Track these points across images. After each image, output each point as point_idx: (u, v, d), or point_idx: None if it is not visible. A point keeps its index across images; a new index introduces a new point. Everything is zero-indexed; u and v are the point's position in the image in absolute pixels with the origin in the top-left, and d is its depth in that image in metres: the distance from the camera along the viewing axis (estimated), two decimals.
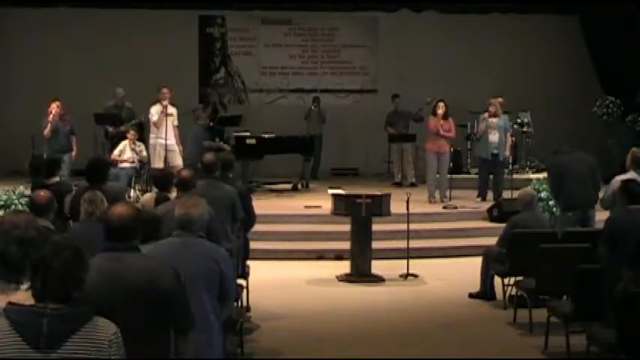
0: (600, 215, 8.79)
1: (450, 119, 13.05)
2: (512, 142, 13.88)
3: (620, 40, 15.87)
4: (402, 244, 10.12)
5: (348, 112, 17.26)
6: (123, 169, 12.70)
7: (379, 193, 10.21)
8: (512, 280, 8.32)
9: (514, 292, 8.23)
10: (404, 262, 9.83)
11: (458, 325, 7.99)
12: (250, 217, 7.72)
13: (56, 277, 2.93)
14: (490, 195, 13.05)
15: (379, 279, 9.69)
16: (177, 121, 12.92)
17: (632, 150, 8.41)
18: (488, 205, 12.43)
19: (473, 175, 14.21)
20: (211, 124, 14.14)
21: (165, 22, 16.56)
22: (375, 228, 9.86)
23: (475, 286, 8.87)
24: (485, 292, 8.79)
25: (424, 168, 13.49)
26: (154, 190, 8.35)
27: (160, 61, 16.10)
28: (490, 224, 11.76)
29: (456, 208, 12.60)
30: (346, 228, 9.95)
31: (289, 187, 14.65)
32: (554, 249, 7.59)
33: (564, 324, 6.71)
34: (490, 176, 13.18)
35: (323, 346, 7.26)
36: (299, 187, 14.66)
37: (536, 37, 17.13)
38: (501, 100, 14.25)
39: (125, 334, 3.10)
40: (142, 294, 3.66)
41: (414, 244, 10.26)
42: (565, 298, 7.15)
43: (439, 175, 13.11)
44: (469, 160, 15.56)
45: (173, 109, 12.84)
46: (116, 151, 12.97)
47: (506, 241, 8.30)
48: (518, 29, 17.14)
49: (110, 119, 13.65)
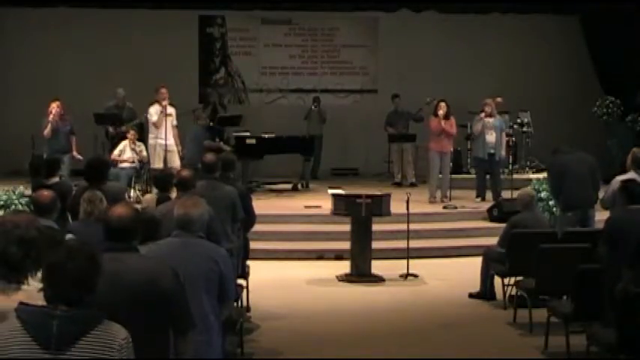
0: (600, 215, 8.79)
1: (452, 118, 13.06)
2: (508, 142, 13.88)
3: (620, 40, 15.87)
4: (402, 244, 10.12)
5: (348, 112, 17.26)
6: (123, 169, 12.71)
7: (379, 193, 10.21)
8: (512, 280, 8.32)
9: (514, 292, 8.24)
10: (404, 262, 9.84)
11: (458, 325, 7.99)
12: (250, 217, 7.72)
13: (69, 282, 2.92)
14: (489, 195, 13.06)
15: (379, 279, 9.69)
16: (176, 121, 12.92)
17: (633, 150, 8.42)
18: (488, 205, 12.44)
19: (473, 175, 14.20)
20: (211, 124, 14.14)
21: (165, 22, 16.56)
22: (375, 228, 9.87)
23: (475, 286, 8.87)
24: (485, 292, 8.79)
25: (424, 168, 13.50)
26: (154, 191, 8.36)
27: (160, 61, 16.10)
28: (490, 224, 11.77)
29: (456, 208, 12.60)
30: (346, 228, 9.96)
31: (289, 187, 14.65)
32: (554, 249, 7.59)
33: (564, 324, 6.71)
34: (487, 176, 13.20)
35: (323, 346, 7.26)
36: (299, 187, 14.66)
37: (536, 37, 17.13)
38: (500, 100, 14.27)
39: None
40: (142, 294, 3.66)
41: (414, 244, 10.26)
42: (565, 298, 7.16)
43: (441, 175, 13.12)
44: (469, 160, 15.56)
45: (172, 109, 12.84)
46: (116, 151, 12.97)
47: (506, 241, 8.30)
48: (518, 29, 17.14)
49: (111, 119, 13.66)
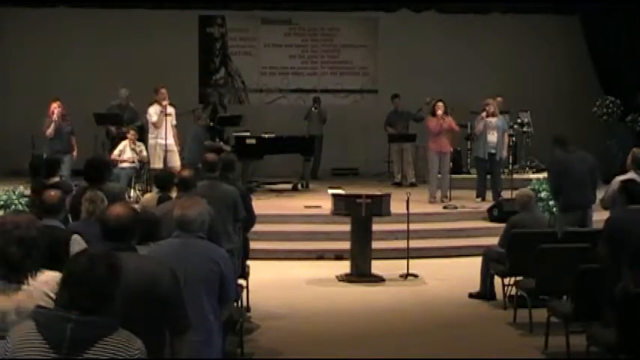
0: (600, 215, 8.79)
1: (450, 117, 13.05)
2: (509, 142, 13.88)
3: (620, 40, 15.88)
4: (402, 244, 10.13)
5: (348, 112, 17.26)
6: (123, 169, 12.71)
7: (379, 193, 10.21)
8: (512, 280, 8.32)
9: (514, 292, 8.23)
10: (404, 262, 9.84)
11: (458, 325, 7.99)
12: (250, 217, 7.72)
13: (88, 292, 2.91)
14: (490, 195, 13.06)
15: (379, 279, 9.69)
16: (175, 121, 12.92)
17: (633, 150, 8.39)
18: (488, 205, 12.44)
19: (473, 175, 14.21)
20: (211, 124, 14.14)
21: (166, 22, 16.57)
22: (375, 228, 9.86)
23: (475, 286, 8.87)
24: (485, 292, 8.79)
25: (424, 168, 13.49)
26: (154, 191, 8.36)
27: (160, 61, 16.09)
28: (490, 224, 11.77)
29: (456, 208, 12.60)
30: (346, 228, 9.96)
31: (289, 187, 14.66)
32: (554, 249, 7.59)
33: (564, 324, 6.71)
34: (488, 176, 13.19)
35: (323, 346, 7.26)
36: (299, 187, 14.66)
37: (536, 37, 17.12)
38: (500, 100, 14.26)
39: None
40: (140, 294, 3.65)
41: (414, 244, 10.26)
42: (565, 298, 7.15)
43: (441, 175, 13.12)
44: (469, 160, 15.56)
45: (171, 109, 12.83)
46: (116, 151, 12.97)
47: (506, 242, 8.30)
48: (518, 29, 17.14)
49: (111, 119, 13.66)
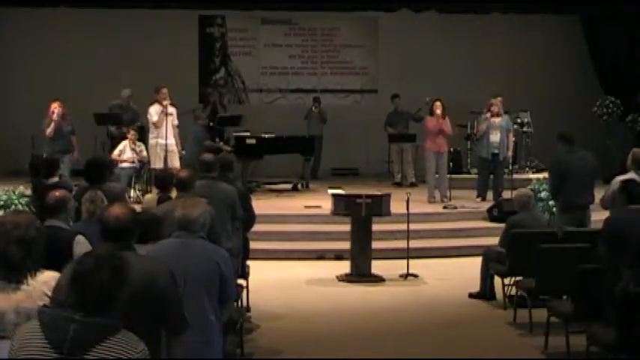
0: (599, 215, 8.78)
1: (447, 118, 13.05)
2: (513, 142, 13.87)
3: (620, 40, 15.88)
4: (402, 244, 10.12)
5: (348, 112, 17.26)
6: (123, 169, 12.71)
7: (379, 193, 10.21)
8: (512, 280, 8.32)
9: (514, 292, 8.23)
10: (404, 262, 9.84)
11: (458, 325, 7.99)
12: (250, 217, 7.72)
13: (93, 293, 2.92)
14: (490, 195, 13.06)
15: (379, 279, 9.69)
16: (176, 121, 12.92)
17: (634, 150, 8.37)
18: (488, 205, 12.44)
19: (473, 175, 14.21)
20: (211, 124, 14.14)
21: (166, 22, 16.57)
22: (375, 228, 9.86)
23: (475, 286, 8.87)
24: (485, 292, 8.79)
25: (424, 168, 13.49)
26: (154, 191, 8.37)
27: (160, 61, 16.10)
28: (490, 224, 11.76)
29: (456, 208, 12.60)
30: (346, 228, 9.96)
31: (289, 187, 14.66)
32: (554, 249, 7.58)
33: (564, 324, 6.71)
34: (490, 176, 13.18)
35: (323, 346, 7.26)
36: (299, 187, 14.66)
37: (536, 37, 17.13)
38: (501, 100, 14.24)
39: None
40: (139, 293, 3.63)
41: (414, 244, 10.26)
42: (565, 298, 7.16)
43: (438, 175, 13.11)
44: (469, 160, 15.56)
45: (172, 108, 12.83)
46: (116, 151, 12.98)
47: (506, 242, 8.30)
48: (518, 29, 17.15)
49: (111, 120, 13.66)
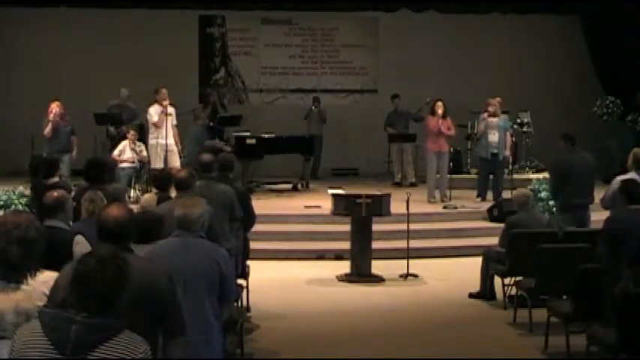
0: (599, 215, 8.78)
1: (449, 118, 13.06)
2: (512, 142, 13.87)
3: (620, 40, 15.88)
4: (402, 244, 10.12)
5: (348, 112, 17.27)
6: (123, 169, 12.70)
7: (379, 193, 10.21)
8: (512, 280, 8.32)
9: (514, 292, 8.23)
10: (404, 262, 9.84)
11: (458, 325, 7.99)
12: (250, 217, 7.73)
13: (95, 293, 2.92)
14: (490, 195, 13.06)
15: (379, 279, 9.69)
16: (175, 121, 12.92)
17: (634, 150, 8.33)
18: (488, 205, 12.44)
19: (473, 175, 14.21)
20: (211, 124, 14.14)
21: (166, 22, 16.57)
22: (375, 228, 9.86)
23: (475, 286, 8.87)
24: (485, 292, 8.79)
25: (424, 168, 13.49)
26: (153, 191, 8.36)
27: (160, 61, 16.10)
28: (490, 224, 11.76)
29: (456, 208, 12.60)
30: (346, 228, 9.96)
31: (289, 187, 14.66)
32: (554, 249, 7.58)
33: (564, 324, 6.71)
34: (490, 176, 13.19)
35: (323, 346, 7.26)
36: (299, 187, 14.66)
37: (536, 37, 17.13)
38: (500, 100, 14.26)
39: None
40: (137, 295, 3.62)
41: (414, 244, 10.26)
42: (565, 298, 7.15)
43: (439, 175, 13.12)
44: (469, 160, 15.56)
45: (172, 108, 12.83)
46: (116, 151, 12.97)
47: (506, 242, 8.30)
48: (518, 29, 17.14)
49: (111, 119, 13.66)
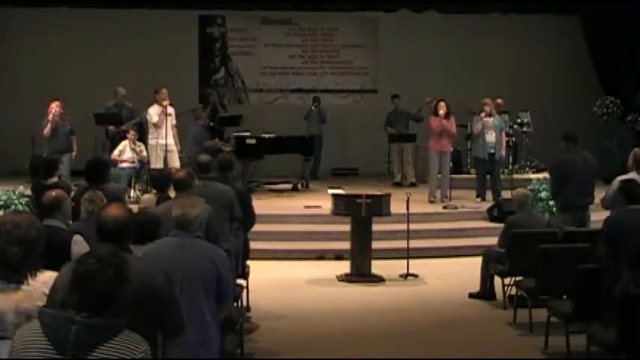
0: (599, 215, 8.78)
1: (452, 118, 13.08)
2: (508, 142, 13.87)
3: (620, 40, 15.88)
4: (402, 244, 10.13)
5: (348, 112, 17.27)
6: (123, 169, 12.71)
7: (379, 193, 10.21)
8: (512, 280, 8.32)
9: (514, 292, 8.23)
10: (404, 262, 9.84)
11: (458, 325, 8.00)
12: (250, 218, 7.72)
13: (95, 292, 2.91)
14: (490, 195, 13.06)
15: (379, 279, 9.69)
16: (175, 121, 12.92)
17: (635, 150, 8.30)
18: (488, 205, 12.44)
19: (473, 175, 14.20)
20: (211, 124, 14.14)
21: (166, 22, 16.57)
22: (375, 228, 9.86)
23: (475, 286, 8.88)
24: (485, 292, 8.79)
25: (424, 168, 13.49)
26: (152, 191, 8.37)
27: (160, 61, 16.10)
28: (490, 224, 11.76)
29: (456, 208, 12.60)
30: (346, 228, 9.96)
31: (289, 187, 14.66)
32: (554, 249, 7.59)
33: (564, 324, 6.71)
34: (488, 176, 13.20)
35: (323, 346, 7.26)
36: (299, 187, 14.66)
37: (536, 37, 17.13)
38: (500, 102, 14.27)
39: None
40: (136, 295, 3.61)
41: (414, 244, 10.26)
42: (565, 298, 7.15)
43: (441, 175, 13.12)
44: (469, 160, 15.56)
45: (171, 109, 12.84)
46: (116, 151, 12.98)
47: (506, 242, 8.31)
48: (518, 29, 17.14)
49: (110, 119, 13.66)
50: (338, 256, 10.55)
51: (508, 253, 8.20)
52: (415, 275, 9.83)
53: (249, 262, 8.19)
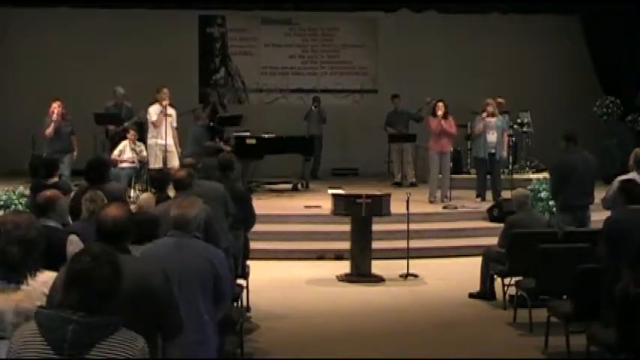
0: (599, 215, 8.78)
1: (450, 118, 13.07)
2: (509, 142, 13.87)
3: (620, 40, 15.88)
4: (402, 244, 10.12)
5: (348, 112, 17.27)
6: (123, 169, 12.70)
7: (379, 193, 10.21)
8: (512, 280, 8.32)
9: (514, 292, 8.23)
10: (404, 262, 9.84)
11: (458, 325, 7.99)
12: (250, 218, 7.72)
13: (91, 290, 2.91)
14: (490, 195, 13.06)
15: (379, 279, 9.69)
16: (175, 123, 12.91)
17: (635, 150, 8.29)
18: (488, 205, 12.44)
19: (473, 175, 14.20)
20: (211, 124, 14.14)
21: (166, 22, 16.57)
22: (375, 228, 9.86)
23: (475, 286, 8.88)
24: (485, 292, 8.79)
25: (424, 168, 13.49)
26: (151, 190, 8.36)
27: (160, 61, 16.10)
28: (490, 224, 11.76)
29: (456, 208, 12.60)
30: (346, 228, 9.96)
31: (289, 187, 14.65)
32: (554, 249, 7.59)
33: (564, 324, 6.71)
34: (488, 176, 13.20)
35: (323, 346, 7.26)
36: (299, 187, 14.66)
37: (536, 37, 17.13)
38: (501, 101, 14.25)
39: None
40: (134, 296, 3.61)
41: (414, 244, 10.26)
42: (565, 298, 7.15)
43: (441, 175, 13.12)
44: (469, 160, 15.56)
45: (172, 110, 12.83)
46: (116, 151, 12.97)
47: (506, 242, 8.31)
48: (518, 29, 17.14)
49: (110, 119, 13.66)
50: (338, 256, 10.55)
51: (508, 253, 8.20)
52: (415, 275, 9.83)
53: (249, 262, 8.19)
